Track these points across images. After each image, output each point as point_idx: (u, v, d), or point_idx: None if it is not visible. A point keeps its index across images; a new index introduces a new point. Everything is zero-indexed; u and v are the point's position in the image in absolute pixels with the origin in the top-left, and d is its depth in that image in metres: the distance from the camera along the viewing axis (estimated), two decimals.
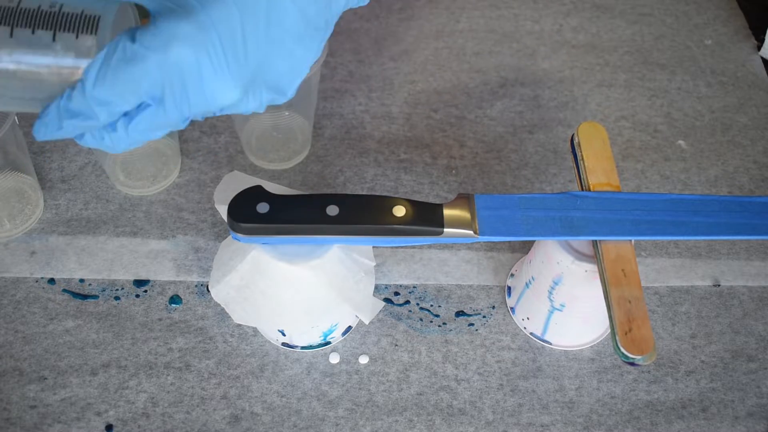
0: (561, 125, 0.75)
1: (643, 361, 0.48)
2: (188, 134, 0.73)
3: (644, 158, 0.73)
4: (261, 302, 0.56)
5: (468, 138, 0.73)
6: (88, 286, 0.64)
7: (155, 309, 0.63)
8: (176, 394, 0.59)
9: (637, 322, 0.49)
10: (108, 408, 0.58)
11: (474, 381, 0.60)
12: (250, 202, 0.53)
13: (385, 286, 0.65)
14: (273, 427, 0.58)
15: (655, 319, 0.63)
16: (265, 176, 0.70)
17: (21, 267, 0.65)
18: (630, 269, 0.51)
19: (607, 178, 0.56)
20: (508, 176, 0.71)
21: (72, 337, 0.61)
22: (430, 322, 0.63)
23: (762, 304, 0.64)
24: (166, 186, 0.70)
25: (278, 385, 0.59)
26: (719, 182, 0.71)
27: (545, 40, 0.82)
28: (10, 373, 0.59)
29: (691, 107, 0.77)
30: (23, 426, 0.57)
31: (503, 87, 0.77)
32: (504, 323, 0.63)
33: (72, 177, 0.70)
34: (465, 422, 0.58)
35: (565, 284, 0.56)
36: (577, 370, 0.61)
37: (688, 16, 0.85)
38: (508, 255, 0.66)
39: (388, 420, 0.58)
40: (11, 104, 0.46)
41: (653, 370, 0.61)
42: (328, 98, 0.76)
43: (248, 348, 0.61)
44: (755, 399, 0.60)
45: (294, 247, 0.54)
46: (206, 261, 0.65)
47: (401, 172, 0.71)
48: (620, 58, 0.80)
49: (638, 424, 0.58)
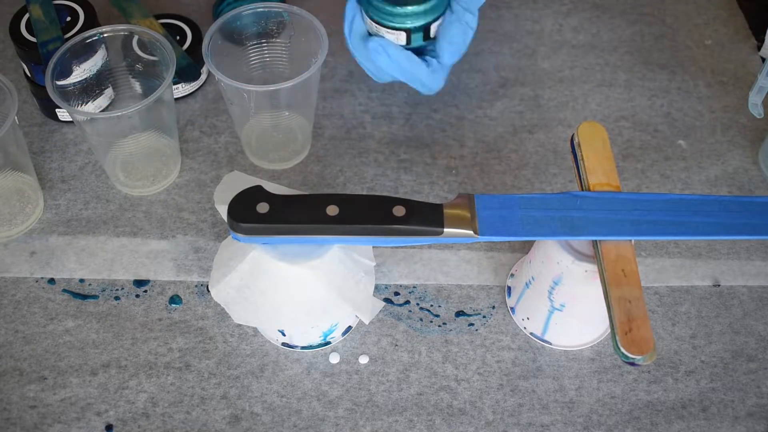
0: (561, 125, 0.75)
1: (643, 361, 0.48)
2: (188, 134, 0.73)
3: (644, 158, 0.73)
4: (261, 302, 0.56)
5: (468, 138, 0.73)
6: (88, 286, 0.64)
7: (155, 309, 0.63)
8: (176, 394, 0.59)
9: (637, 322, 0.49)
10: (108, 408, 0.58)
11: (474, 381, 0.60)
12: (250, 202, 0.53)
13: (385, 286, 0.65)
14: (273, 427, 0.58)
15: (655, 319, 0.63)
16: (265, 176, 0.70)
17: (21, 267, 0.65)
18: (630, 269, 0.51)
19: (607, 178, 0.56)
20: (508, 176, 0.71)
21: (72, 337, 0.61)
22: (430, 322, 0.63)
23: (762, 304, 0.64)
24: (166, 186, 0.70)
25: (278, 385, 0.59)
26: (719, 182, 0.71)
27: (545, 40, 0.82)
28: (10, 373, 0.59)
29: (691, 107, 0.77)
30: (23, 426, 0.57)
31: (503, 87, 0.77)
32: (504, 323, 0.63)
33: (72, 177, 0.70)
34: (465, 422, 0.58)
35: (565, 284, 0.56)
36: (577, 370, 0.61)
37: (688, 16, 0.84)
38: (508, 255, 0.66)
39: (388, 420, 0.58)
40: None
41: (653, 370, 0.61)
42: (328, 98, 0.76)
43: (248, 348, 0.61)
44: (755, 399, 0.60)
45: (294, 247, 0.54)
46: (206, 261, 0.65)
47: (401, 172, 0.71)
48: (620, 58, 0.80)
49: (638, 424, 0.58)
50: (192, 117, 0.75)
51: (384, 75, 0.69)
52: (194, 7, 0.82)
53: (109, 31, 0.66)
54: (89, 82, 0.68)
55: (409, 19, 0.65)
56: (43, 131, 0.73)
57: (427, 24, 0.66)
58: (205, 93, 0.76)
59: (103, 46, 0.68)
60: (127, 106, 0.62)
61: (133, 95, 0.73)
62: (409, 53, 0.67)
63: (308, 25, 0.65)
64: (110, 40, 0.68)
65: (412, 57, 0.67)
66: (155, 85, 0.68)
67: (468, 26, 0.67)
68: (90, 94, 0.69)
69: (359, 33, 0.68)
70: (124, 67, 0.71)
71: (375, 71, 0.69)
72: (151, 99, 0.61)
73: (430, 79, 0.68)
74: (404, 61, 0.67)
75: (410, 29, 0.66)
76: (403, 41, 0.67)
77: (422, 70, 0.67)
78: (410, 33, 0.66)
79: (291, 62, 0.69)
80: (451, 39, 0.67)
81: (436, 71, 0.68)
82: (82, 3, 0.72)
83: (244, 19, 0.66)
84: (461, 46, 0.67)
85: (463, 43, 0.67)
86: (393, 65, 0.67)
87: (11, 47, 0.78)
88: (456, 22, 0.66)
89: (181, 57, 0.73)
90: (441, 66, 0.68)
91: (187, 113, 0.75)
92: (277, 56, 0.69)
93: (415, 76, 0.68)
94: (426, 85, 0.69)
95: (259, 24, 0.67)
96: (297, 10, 0.66)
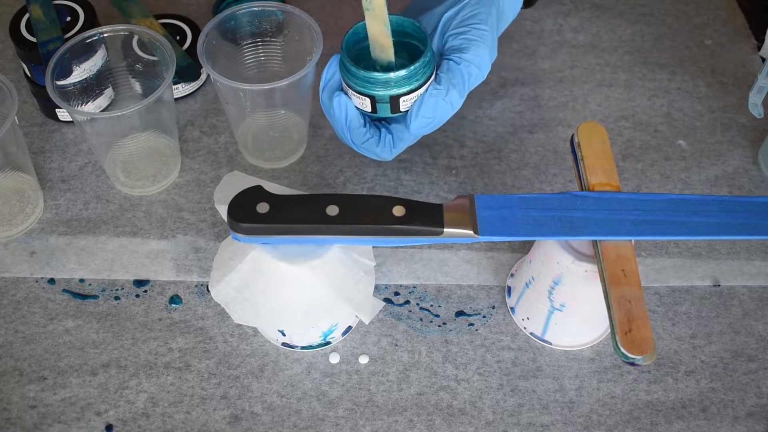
0: (561, 125, 0.75)
1: (643, 361, 0.48)
2: (188, 134, 0.73)
3: (644, 158, 0.73)
4: (261, 302, 0.56)
5: (468, 138, 0.73)
6: (88, 286, 0.64)
7: (155, 309, 0.63)
8: (176, 394, 0.59)
9: (637, 322, 0.49)
10: (108, 408, 0.58)
11: (474, 381, 0.60)
12: (250, 202, 0.53)
13: (385, 286, 0.65)
14: (273, 427, 0.58)
15: (655, 319, 0.63)
16: (265, 176, 0.70)
17: (21, 267, 0.65)
18: (630, 269, 0.51)
19: (607, 178, 0.56)
20: (508, 176, 0.71)
21: (72, 337, 0.61)
22: (430, 322, 0.63)
23: (762, 304, 0.64)
24: (166, 186, 0.70)
25: (278, 385, 0.59)
26: (719, 182, 0.71)
27: (545, 40, 0.82)
28: (10, 373, 0.59)
29: (691, 107, 0.77)
30: (23, 426, 0.57)
31: (503, 87, 0.77)
32: (504, 323, 0.63)
33: (72, 177, 0.70)
34: (465, 422, 0.58)
35: (565, 284, 0.56)
36: (577, 370, 0.61)
37: (688, 16, 0.84)
38: (508, 255, 0.66)
39: (388, 420, 0.58)
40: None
41: (653, 370, 0.61)
42: None
43: (248, 348, 0.61)
44: (755, 399, 0.60)
45: (294, 247, 0.54)
46: (206, 261, 0.65)
47: (401, 172, 0.71)
48: (620, 58, 0.80)
49: (638, 424, 0.58)
50: (192, 117, 0.75)
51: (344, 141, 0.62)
52: (194, 7, 0.82)
53: (109, 31, 0.66)
54: (89, 82, 0.68)
55: (373, 86, 0.57)
56: (43, 131, 0.73)
57: (395, 95, 0.58)
58: (205, 93, 0.76)
59: (103, 46, 0.68)
60: (127, 106, 0.62)
61: (133, 95, 0.73)
62: (361, 129, 0.60)
63: (303, 24, 0.65)
64: (110, 40, 0.68)
65: (362, 131, 0.60)
66: (155, 85, 0.68)
67: (450, 105, 0.58)
68: (90, 94, 0.69)
69: (331, 89, 0.60)
70: (124, 67, 0.71)
71: (338, 134, 0.62)
72: (151, 99, 0.61)
73: (381, 151, 0.61)
74: (355, 131, 0.60)
75: (374, 97, 0.58)
76: (368, 108, 0.59)
77: (372, 144, 0.60)
78: (374, 101, 0.58)
79: (286, 61, 0.69)
80: (425, 110, 0.58)
81: (388, 145, 0.60)
82: (82, 3, 0.72)
83: (240, 18, 0.66)
84: (433, 121, 0.59)
85: (436, 118, 0.59)
86: (345, 131, 0.60)
87: (11, 47, 0.78)
88: (437, 96, 0.58)
89: (181, 57, 0.73)
90: (399, 137, 0.60)
91: (187, 113, 0.75)
92: (273, 55, 0.69)
93: (363, 149, 0.61)
94: (380, 156, 0.61)
95: (254, 23, 0.67)
96: (292, 9, 0.66)
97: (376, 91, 0.58)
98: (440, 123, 0.60)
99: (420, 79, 0.58)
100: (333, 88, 0.60)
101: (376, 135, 0.61)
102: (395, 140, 0.61)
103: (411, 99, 0.58)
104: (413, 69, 0.57)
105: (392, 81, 0.57)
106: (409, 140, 0.61)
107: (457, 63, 0.59)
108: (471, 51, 0.59)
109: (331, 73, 0.61)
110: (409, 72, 0.57)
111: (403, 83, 0.57)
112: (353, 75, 0.58)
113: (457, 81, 0.58)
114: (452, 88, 0.58)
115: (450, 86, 0.58)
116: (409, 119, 0.59)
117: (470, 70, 0.59)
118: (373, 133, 0.60)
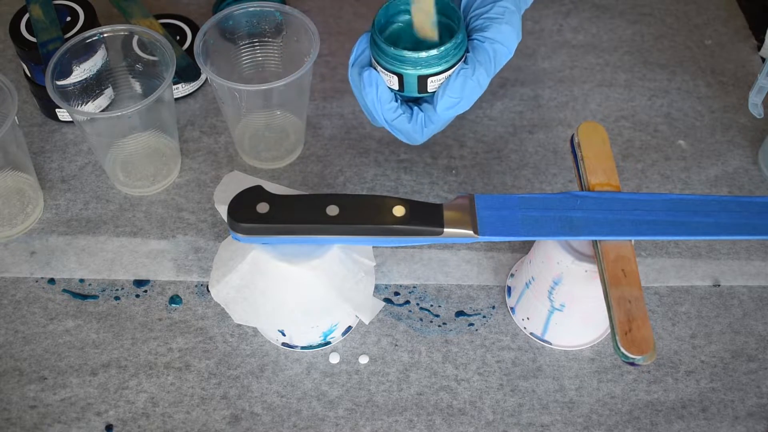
0: (561, 125, 0.75)
1: (643, 361, 0.48)
2: (188, 134, 0.73)
3: (644, 158, 0.73)
4: (261, 302, 0.56)
5: (468, 138, 0.73)
6: (88, 286, 0.64)
7: (155, 309, 0.63)
8: (176, 394, 0.59)
9: (637, 322, 0.49)
10: (108, 408, 0.58)
11: (474, 381, 0.60)
12: (250, 202, 0.53)
13: (385, 286, 0.65)
14: (273, 427, 0.58)
15: (655, 319, 0.63)
16: (265, 176, 0.70)
17: (21, 267, 0.65)
18: (630, 269, 0.51)
19: (607, 178, 0.56)
20: (508, 176, 0.71)
21: (72, 337, 0.61)
22: (430, 322, 0.63)
23: (762, 304, 0.64)
24: (166, 186, 0.70)
25: (278, 385, 0.59)
26: (719, 182, 0.71)
27: (545, 40, 0.82)
28: (10, 373, 0.59)
29: (691, 107, 0.77)
30: (23, 426, 0.57)
31: (503, 87, 0.77)
32: (504, 323, 0.63)
33: (72, 177, 0.70)
34: (465, 422, 0.58)
35: (565, 284, 0.56)
36: (577, 370, 0.61)
37: (688, 16, 0.84)
38: (508, 255, 0.66)
39: (388, 420, 0.58)
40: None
41: (653, 370, 0.61)
42: (328, 98, 0.76)
43: (248, 348, 0.61)
44: (755, 399, 0.60)
45: (294, 247, 0.54)
46: (206, 261, 0.65)
47: (401, 172, 0.71)
48: (620, 58, 0.80)
49: (638, 424, 0.58)
50: (192, 117, 0.75)
51: (374, 118, 0.62)
52: (194, 7, 0.82)
53: (109, 31, 0.66)
54: (89, 82, 0.68)
55: (402, 64, 0.57)
56: (43, 131, 0.73)
57: (423, 75, 0.58)
58: (205, 93, 0.76)
59: (103, 46, 0.68)
60: (127, 106, 0.62)
61: (133, 95, 0.73)
62: (392, 103, 0.60)
63: (301, 25, 0.65)
64: (110, 40, 0.68)
65: (393, 106, 0.60)
66: (155, 85, 0.68)
67: (477, 84, 0.58)
68: (90, 94, 0.69)
69: (361, 64, 0.60)
70: (124, 67, 0.71)
71: (367, 111, 0.62)
72: (151, 99, 0.61)
73: (413, 130, 0.61)
74: (386, 105, 0.59)
75: (402, 75, 0.58)
76: (395, 86, 0.59)
77: (403, 120, 0.60)
78: (402, 79, 0.58)
79: (283, 61, 0.69)
80: (452, 90, 0.58)
81: (420, 124, 0.60)
82: (82, 3, 0.72)
83: (238, 18, 0.66)
84: (461, 101, 0.59)
85: (463, 98, 0.59)
86: (377, 105, 0.59)
87: (11, 47, 0.78)
88: (464, 75, 0.58)
89: (181, 57, 0.73)
90: (429, 119, 0.60)
91: (187, 113, 0.75)
92: (271, 56, 0.69)
93: (394, 126, 0.61)
94: (411, 137, 0.62)
95: (253, 23, 0.67)
96: (290, 9, 0.66)
97: (405, 70, 0.58)
98: (468, 104, 0.59)
99: (451, 61, 0.58)
100: (362, 64, 0.60)
101: (408, 112, 0.60)
102: (426, 120, 0.60)
103: (439, 80, 0.58)
104: (444, 50, 0.57)
105: (422, 60, 0.57)
106: (438, 123, 0.61)
107: (481, 42, 0.58)
108: (494, 28, 0.59)
109: (361, 50, 0.61)
110: (441, 53, 0.57)
111: (433, 63, 0.57)
112: (383, 52, 0.58)
113: (483, 59, 0.58)
114: (479, 66, 0.58)
115: (477, 64, 0.58)
116: (436, 99, 0.59)
117: (495, 47, 0.59)
118: (405, 110, 0.60)
